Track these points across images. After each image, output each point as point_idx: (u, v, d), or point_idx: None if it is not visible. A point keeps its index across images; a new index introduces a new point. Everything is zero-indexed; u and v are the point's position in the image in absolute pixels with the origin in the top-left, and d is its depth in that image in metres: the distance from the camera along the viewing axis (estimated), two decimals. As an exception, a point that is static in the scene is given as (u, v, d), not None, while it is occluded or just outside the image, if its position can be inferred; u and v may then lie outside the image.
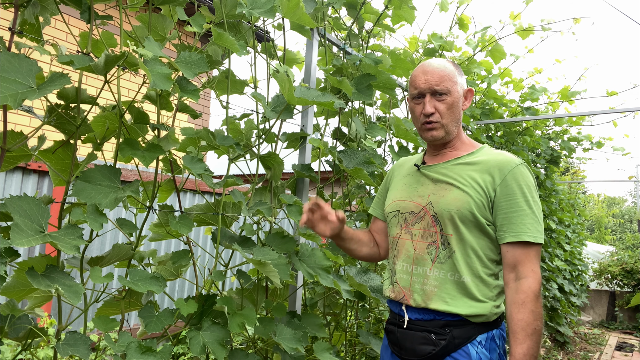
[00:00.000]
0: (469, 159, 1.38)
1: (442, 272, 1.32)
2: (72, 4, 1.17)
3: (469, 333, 1.29)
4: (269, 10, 1.50)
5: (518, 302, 1.22)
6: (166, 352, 1.22)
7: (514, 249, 1.26)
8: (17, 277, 1.19)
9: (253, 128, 1.72)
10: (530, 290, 1.22)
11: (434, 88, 1.35)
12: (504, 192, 1.28)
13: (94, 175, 1.18)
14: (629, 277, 8.72)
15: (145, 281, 1.20)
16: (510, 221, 1.27)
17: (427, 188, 1.39)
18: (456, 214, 1.30)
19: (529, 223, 1.26)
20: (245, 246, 1.52)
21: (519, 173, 1.29)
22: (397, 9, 2.34)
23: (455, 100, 1.36)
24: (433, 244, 1.35)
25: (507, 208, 1.27)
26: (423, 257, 1.36)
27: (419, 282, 1.35)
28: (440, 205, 1.33)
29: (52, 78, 1.01)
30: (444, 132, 1.38)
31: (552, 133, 5.12)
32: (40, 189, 3.29)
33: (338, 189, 2.29)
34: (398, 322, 1.39)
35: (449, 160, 1.40)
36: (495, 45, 3.19)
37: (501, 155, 1.35)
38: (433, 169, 1.42)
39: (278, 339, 1.47)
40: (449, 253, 1.32)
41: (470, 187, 1.31)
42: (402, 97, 2.79)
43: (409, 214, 1.41)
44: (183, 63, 1.22)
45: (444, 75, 1.35)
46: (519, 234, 1.25)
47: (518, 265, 1.25)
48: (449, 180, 1.35)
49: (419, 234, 1.38)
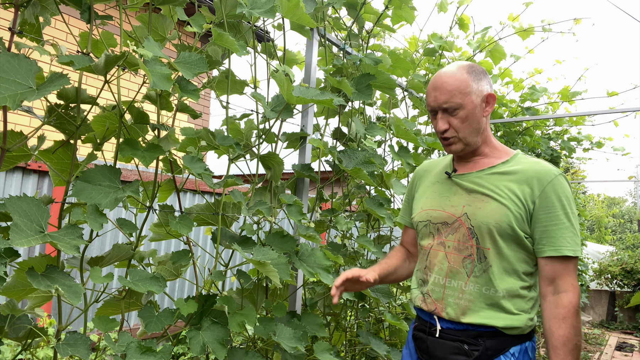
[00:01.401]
0: (504, 168, 1.32)
1: (477, 286, 1.28)
2: (72, 4, 1.17)
3: (503, 344, 1.26)
4: (269, 10, 1.50)
5: (559, 317, 1.20)
6: (166, 352, 1.22)
7: (554, 263, 1.23)
8: (17, 277, 1.19)
9: (253, 128, 1.72)
10: (571, 305, 1.20)
11: (443, 106, 1.31)
12: (543, 205, 1.24)
13: (94, 175, 1.18)
14: (629, 277, 8.72)
15: (145, 281, 1.20)
16: (550, 234, 1.23)
17: (461, 198, 1.34)
18: (495, 228, 1.26)
19: (568, 236, 1.23)
20: (245, 246, 1.52)
21: (558, 184, 1.25)
22: (397, 9, 2.34)
23: (469, 112, 1.30)
24: (469, 257, 1.30)
25: (546, 221, 1.24)
26: (458, 271, 1.31)
27: (453, 295, 1.31)
28: (477, 217, 1.29)
29: (52, 78, 1.01)
30: (462, 145, 1.34)
31: (552, 133, 5.12)
32: (40, 189, 3.29)
33: (338, 189, 2.29)
34: (429, 330, 1.35)
35: (482, 169, 1.34)
36: (495, 45, 3.19)
37: (539, 165, 1.29)
38: (466, 178, 1.36)
39: (278, 338, 1.47)
40: (484, 267, 1.28)
41: (509, 199, 1.26)
42: (402, 97, 2.80)
43: (442, 224, 1.36)
44: (183, 63, 1.22)
45: (453, 89, 1.29)
46: (560, 248, 1.22)
47: (557, 279, 1.23)
48: (485, 191, 1.30)
49: (453, 246, 1.33)
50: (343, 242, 2.17)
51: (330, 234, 2.22)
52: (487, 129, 1.38)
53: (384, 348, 2.01)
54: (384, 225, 2.39)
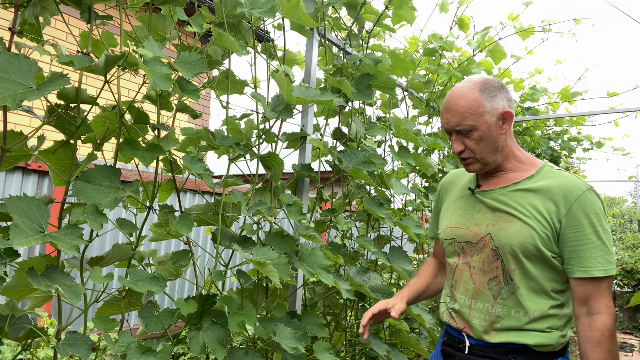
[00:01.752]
0: (529, 184, 1.27)
1: (506, 309, 1.24)
2: (72, 4, 1.17)
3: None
4: (269, 10, 1.50)
5: (593, 340, 1.16)
6: (166, 352, 1.22)
7: (585, 284, 1.18)
8: (17, 277, 1.19)
9: (253, 128, 1.72)
10: (605, 328, 1.15)
11: (455, 129, 1.27)
12: (571, 223, 1.19)
13: (94, 175, 1.18)
14: (629, 277, 8.71)
15: (145, 281, 1.20)
16: (579, 255, 1.18)
17: (485, 217, 1.30)
18: (519, 249, 1.21)
19: (598, 256, 1.17)
20: (245, 246, 1.52)
21: (586, 201, 1.19)
22: (397, 9, 2.34)
23: (483, 133, 1.25)
24: (494, 279, 1.26)
25: (574, 240, 1.19)
26: (484, 293, 1.28)
27: (478, 317, 1.28)
28: (501, 238, 1.24)
29: (52, 78, 1.01)
30: (480, 165, 1.30)
31: (552, 133, 5.12)
32: (40, 189, 3.29)
33: (338, 189, 2.29)
34: (457, 346, 1.33)
35: (506, 186, 1.29)
36: (496, 45, 3.19)
37: (565, 179, 1.23)
38: (490, 195, 1.31)
39: (278, 338, 1.47)
40: (512, 289, 1.24)
41: (533, 219, 1.21)
42: (402, 97, 2.80)
43: (466, 244, 1.33)
44: (182, 63, 1.22)
45: (465, 111, 1.25)
46: (589, 269, 1.17)
47: (590, 300, 1.18)
48: (509, 210, 1.26)
49: (478, 267, 1.29)
50: (343, 242, 2.17)
51: (330, 234, 2.22)
52: (509, 144, 1.31)
53: (384, 348, 2.01)
54: (384, 225, 2.39)
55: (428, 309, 2.41)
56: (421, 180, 2.99)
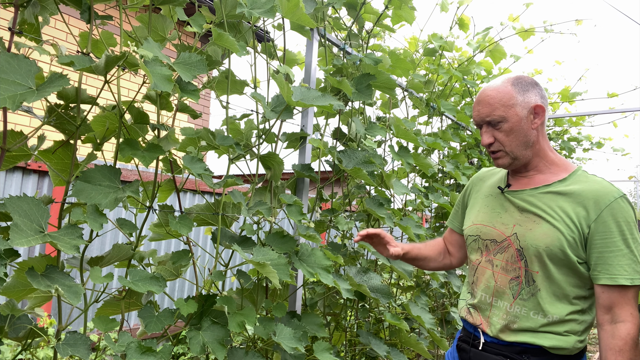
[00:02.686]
0: (561, 187, 1.25)
1: (525, 310, 1.24)
2: (72, 4, 1.17)
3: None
4: (269, 10, 1.50)
5: (615, 349, 1.14)
6: (166, 352, 1.22)
7: (610, 291, 1.17)
8: (17, 277, 1.19)
9: (253, 128, 1.72)
10: (629, 336, 1.14)
11: (486, 120, 1.28)
12: (600, 230, 1.17)
13: (94, 175, 1.18)
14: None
15: (145, 281, 1.20)
16: (606, 262, 1.17)
17: (512, 217, 1.30)
18: (544, 251, 1.21)
19: (626, 264, 1.16)
20: (245, 246, 1.52)
21: (617, 207, 1.17)
22: (397, 9, 2.34)
23: (514, 124, 1.25)
24: (516, 279, 1.26)
25: (602, 247, 1.17)
26: (504, 291, 1.28)
27: (497, 315, 1.28)
28: (527, 239, 1.24)
29: (52, 79, 1.01)
30: (510, 159, 1.29)
31: (552, 133, 5.13)
32: (40, 189, 3.29)
33: (338, 189, 2.29)
34: (472, 342, 1.33)
35: (537, 187, 1.28)
36: (496, 45, 3.19)
37: (598, 185, 1.22)
38: (519, 196, 1.31)
39: (278, 338, 1.47)
40: (532, 291, 1.24)
41: (562, 222, 1.20)
42: (402, 97, 2.80)
43: (491, 242, 1.33)
44: (182, 64, 1.22)
45: (495, 102, 1.25)
46: (616, 277, 1.16)
47: (614, 307, 1.17)
48: (537, 211, 1.25)
49: (500, 266, 1.29)
50: (343, 242, 2.17)
51: (330, 234, 2.22)
52: (541, 141, 1.30)
53: (384, 348, 2.01)
54: (384, 225, 2.39)
55: (428, 309, 2.41)
56: (421, 180, 2.99)
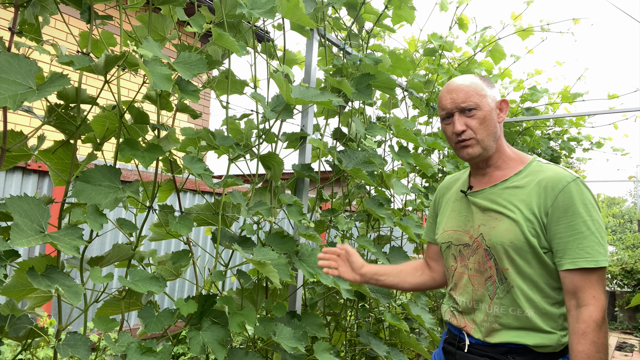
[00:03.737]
0: (517, 180, 1.27)
1: (503, 308, 1.24)
2: (72, 4, 1.17)
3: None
4: (269, 10, 1.50)
5: (578, 332, 1.14)
6: (166, 352, 1.22)
7: (573, 276, 1.17)
8: (17, 277, 1.19)
9: (253, 128, 1.72)
10: (591, 319, 1.13)
11: (461, 105, 1.27)
12: (557, 215, 1.17)
13: (94, 175, 1.18)
14: (629, 277, 8.71)
15: (145, 281, 1.20)
16: (566, 246, 1.17)
17: (477, 218, 1.31)
18: (510, 247, 1.21)
19: (588, 246, 1.15)
20: (245, 246, 1.52)
21: (572, 191, 1.17)
22: (397, 9, 2.34)
23: (487, 113, 1.26)
24: (490, 279, 1.27)
25: (562, 232, 1.17)
26: (482, 293, 1.29)
27: (480, 317, 1.29)
28: (491, 238, 1.25)
29: (52, 79, 1.01)
30: (480, 149, 1.28)
31: (552, 133, 5.12)
32: (40, 189, 3.29)
33: (338, 189, 2.29)
34: (458, 345, 1.34)
35: (496, 184, 1.30)
36: (495, 45, 3.19)
37: (551, 172, 1.22)
38: (481, 195, 1.32)
39: (278, 338, 1.47)
40: (507, 288, 1.24)
41: (521, 215, 1.21)
42: (402, 97, 2.80)
43: (464, 247, 1.34)
44: (182, 64, 1.22)
45: (470, 90, 1.27)
46: (577, 260, 1.15)
47: (578, 292, 1.16)
48: (498, 208, 1.26)
49: (474, 268, 1.30)
50: (343, 242, 2.17)
51: (330, 234, 2.22)
52: (502, 137, 1.33)
53: (384, 348, 2.01)
54: (384, 225, 2.39)
55: (428, 309, 2.41)
56: (421, 180, 2.99)
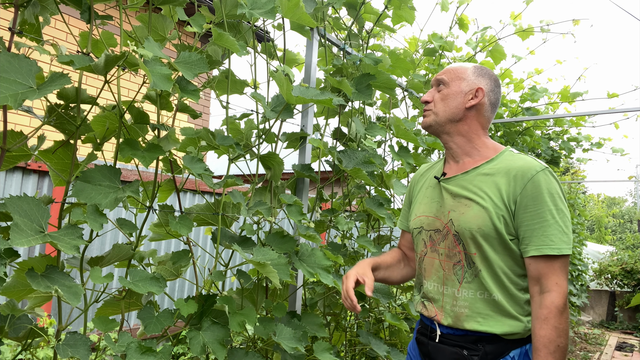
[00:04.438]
0: (488, 167, 1.30)
1: (471, 292, 1.27)
2: (72, 4, 1.17)
3: (502, 349, 1.25)
4: (269, 10, 1.50)
5: (541, 317, 1.18)
6: (166, 352, 1.22)
7: (537, 262, 1.20)
8: (17, 277, 1.19)
9: (253, 128, 1.72)
10: (553, 305, 1.17)
11: (437, 78, 1.39)
12: (525, 203, 1.21)
13: (94, 175, 1.18)
14: (629, 277, 8.72)
15: (145, 281, 1.20)
16: (532, 233, 1.20)
17: (448, 203, 1.33)
18: (477, 232, 1.24)
19: (552, 234, 1.19)
20: (245, 246, 1.52)
21: (540, 180, 1.21)
22: (397, 9, 2.34)
23: (450, 92, 1.35)
24: (458, 264, 1.30)
25: (529, 219, 1.21)
26: (451, 278, 1.31)
27: (449, 303, 1.31)
28: (460, 223, 1.28)
29: (52, 78, 1.01)
30: (432, 120, 1.37)
31: (552, 133, 5.12)
32: (40, 189, 3.29)
33: (338, 189, 2.29)
34: (430, 335, 1.36)
35: (468, 171, 1.33)
36: (495, 45, 3.19)
37: (521, 161, 1.26)
38: (452, 182, 1.35)
39: (278, 338, 1.47)
40: (474, 272, 1.27)
41: (490, 202, 1.24)
42: (402, 97, 2.80)
43: (435, 232, 1.36)
44: (183, 63, 1.22)
45: (451, 70, 1.37)
46: (542, 247, 1.19)
47: (542, 278, 1.20)
48: (468, 194, 1.29)
49: (445, 253, 1.33)
50: (343, 242, 2.17)
51: (330, 234, 2.21)
52: (472, 126, 1.36)
53: (384, 348, 2.01)
54: (384, 225, 2.39)
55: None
56: (421, 180, 2.98)
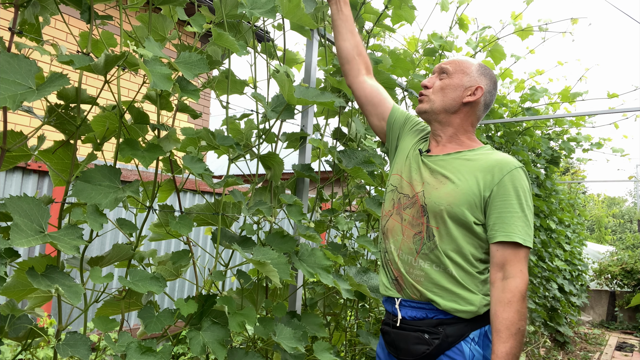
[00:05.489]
0: (470, 155, 1.38)
1: (427, 263, 1.34)
2: (72, 4, 1.17)
3: (462, 331, 1.30)
4: (269, 10, 1.50)
5: (504, 301, 1.23)
6: (166, 352, 1.22)
7: (504, 249, 1.27)
8: (17, 277, 1.19)
9: (253, 128, 1.72)
10: (517, 290, 1.23)
11: (441, 66, 1.42)
12: (500, 193, 1.28)
13: (94, 175, 1.17)
14: (629, 277, 8.72)
15: (145, 281, 1.20)
16: (503, 221, 1.27)
17: (423, 176, 1.40)
18: (445, 209, 1.31)
19: (520, 225, 1.26)
20: (245, 246, 1.52)
21: (517, 175, 1.30)
22: (397, 8, 2.34)
23: (451, 83, 1.39)
24: (419, 234, 1.36)
25: (501, 208, 1.28)
26: (409, 246, 1.37)
27: (405, 269, 1.38)
28: (431, 197, 1.34)
29: (52, 79, 1.01)
30: (427, 107, 1.41)
31: (552, 133, 5.12)
32: (40, 189, 3.29)
33: (338, 189, 2.29)
34: (392, 323, 1.41)
35: (449, 153, 1.40)
36: (495, 45, 3.19)
37: (501, 156, 1.35)
38: (433, 159, 1.41)
39: (278, 338, 1.47)
40: (432, 245, 1.33)
41: (465, 184, 1.31)
42: (402, 97, 2.80)
43: (404, 196, 1.43)
44: (183, 63, 1.22)
45: (457, 62, 1.41)
46: (511, 234, 1.26)
47: (507, 264, 1.26)
48: (445, 173, 1.36)
49: (408, 220, 1.39)
50: (343, 242, 2.17)
51: (330, 234, 2.21)
52: (465, 122, 1.42)
53: (384, 348, 2.01)
54: (384, 226, 2.39)
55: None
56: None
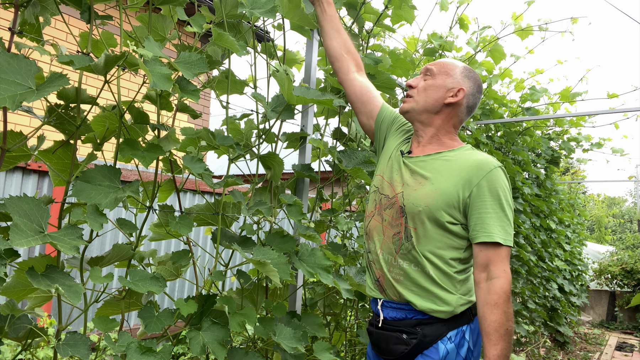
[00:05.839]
0: (449, 155, 1.39)
1: (406, 263, 1.35)
2: (72, 4, 1.17)
3: (440, 330, 1.32)
4: (269, 10, 1.50)
5: (491, 303, 1.24)
6: (166, 352, 1.22)
7: (487, 249, 1.27)
8: (17, 277, 1.19)
9: (253, 128, 1.72)
10: (502, 291, 1.24)
11: (427, 67, 1.43)
12: (480, 193, 1.29)
13: (94, 175, 1.17)
14: (629, 277, 8.72)
15: (145, 281, 1.20)
16: (484, 222, 1.28)
17: (404, 176, 1.41)
18: (423, 210, 1.32)
19: (500, 225, 1.27)
20: (245, 246, 1.52)
21: (497, 175, 1.31)
22: (397, 8, 2.34)
23: (435, 84, 1.40)
24: (397, 235, 1.37)
25: (481, 209, 1.29)
26: (389, 246, 1.39)
27: (387, 267, 1.40)
28: (410, 198, 1.35)
29: (51, 79, 1.01)
30: (411, 106, 1.42)
31: (552, 133, 5.12)
32: (40, 189, 3.29)
33: (338, 189, 2.29)
34: (375, 323, 1.43)
35: (430, 154, 1.41)
36: (495, 45, 3.19)
37: (480, 156, 1.35)
38: (413, 160, 1.43)
39: (278, 338, 1.47)
40: (410, 246, 1.34)
41: (443, 185, 1.32)
42: (402, 97, 2.79)
43: (384, 197, 1.44)
44: (183, 63, 1.22)
45: (443, 64, 1.42)
46: (492, 234, 1.26)
47: (490, 265, 1.26)
48: (425, 174, 1.37)
49: (388, 221, 1.41)
50: (343, 242, 2.17)
51: (330, 234, 2.22)
52: (446, 123, 1.42)
53: (384, 348, 2.01)
54: (384, 225, 2.39)
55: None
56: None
